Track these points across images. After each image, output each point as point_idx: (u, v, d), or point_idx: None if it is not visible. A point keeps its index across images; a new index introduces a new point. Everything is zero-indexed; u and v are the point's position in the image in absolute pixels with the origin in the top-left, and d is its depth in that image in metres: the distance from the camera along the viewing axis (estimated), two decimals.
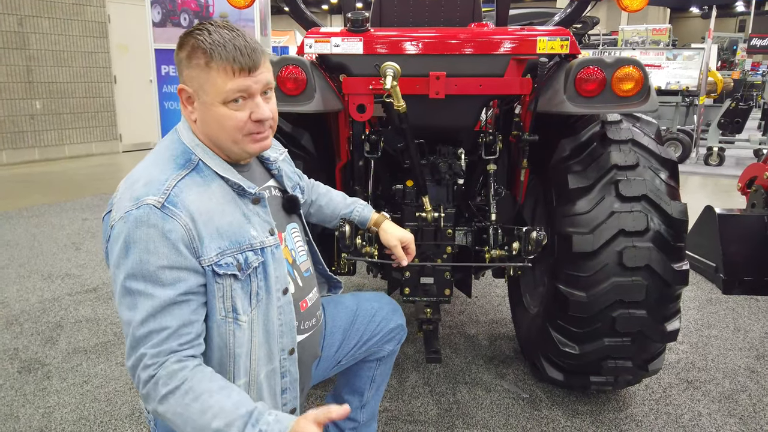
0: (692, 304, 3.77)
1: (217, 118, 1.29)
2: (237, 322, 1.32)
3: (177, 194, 1.25)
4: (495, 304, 3.70)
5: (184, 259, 1.23)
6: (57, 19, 9.25)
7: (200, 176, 1.32)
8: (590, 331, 2.24)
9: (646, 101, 2.09)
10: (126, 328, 1.23)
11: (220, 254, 1.28)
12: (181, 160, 1.32)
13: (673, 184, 2.25)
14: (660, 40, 12.63)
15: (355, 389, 1.92)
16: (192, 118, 1.34)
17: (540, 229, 2.11)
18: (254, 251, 1.35)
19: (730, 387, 2.74)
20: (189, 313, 1.25)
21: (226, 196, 1.34)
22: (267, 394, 1.42)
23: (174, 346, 1.22)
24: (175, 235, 1.21)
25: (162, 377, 1.20)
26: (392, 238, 1.83)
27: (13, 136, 8.89)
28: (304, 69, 2.12)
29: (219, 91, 1.26)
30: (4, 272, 4.21)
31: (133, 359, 1.22)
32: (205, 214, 1.27)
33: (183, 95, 1.33)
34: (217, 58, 1.24)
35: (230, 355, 1.33)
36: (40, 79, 9.13)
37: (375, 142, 2.49)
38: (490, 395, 2.64)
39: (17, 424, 2.39)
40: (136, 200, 1.22)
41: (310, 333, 1.59)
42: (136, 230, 1.20)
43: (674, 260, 2.17)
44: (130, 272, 1.20)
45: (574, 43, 2.20)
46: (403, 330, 1.91)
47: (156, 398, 1.20)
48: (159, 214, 1.21)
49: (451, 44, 2.20)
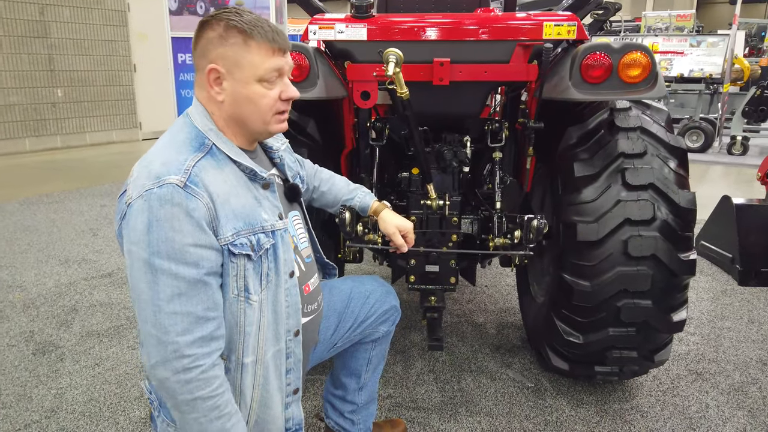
0: (706, 295, 3.72)
1: (251, 96, 1.33)
2: (248, 301, 1.35)
3: (197, 174, 1.26)
4: (504, 293, 3.68)
5: (208, 237, 1.25)
6: (78, 7, 9.36)
7: (214, 160, 1.33)
8: (595, 321, 2.22)
9: (654, 87, 2.05)
10: (144, 306, 1.23)
11: (236, 234, 1.30)
12: (195, 143, 1.33)
13: (682, 173, 2.22)
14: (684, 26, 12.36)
15: (352, 371, 1.95)
16: (219, 98, 1.34)
17: (541, 218, 2.10)
18: (266, 233, 1.38)
19: (740, 379, 2.70)
20: (212, 294, 1.28)
21: (239, 180, 1.36)
22: (273, 374, 1.45)
23: (206, 339, 1.25)
24: (198, 213, 1.23)
25: (196, 380, 1.24)
26: (390, 226, 1.85)
27: (35, 123, 9.05)
28: (307, 55, 2.12)
29: (257, 68, 1.31)
30: (23, 257, 4.30)
31: (163, 348, 1.22)
32: (222, 196, 1.29)
33: (212, 76, 1.32)
34: (258, 37, 1.29)
35: (240, 333, 1.36)
36: (61, 67, 9.26)
37: (380, 130, 2.48)
38: (494, 384, 2.64)
39: (30, 404, 2.45)
40: (156, 179, 1.23)
41: (312, 317, 1.63)
42: (161, 209, 1.21)
43: (681, 250, 2.14)
44: (154, 250, 1.21)
45: (581, 29, 2.17)
46: (397, 311, 1.93)
47: (182, 397, 1.24)
48: (183, 193, 1.22)
49: (455, 30, 2.18)
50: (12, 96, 8.74)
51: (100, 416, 2.38)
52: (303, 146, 2.35)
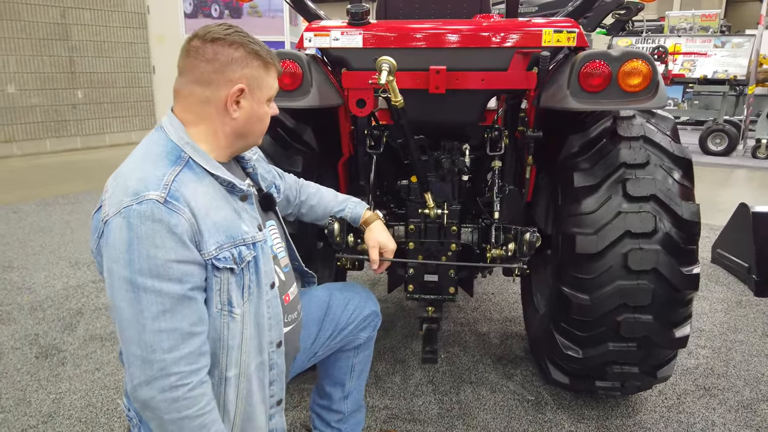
0: (720, 306, 3.61)
1: (263, 115, 1.43)
2: (231, 314, 1.34)
3: (177, 188, 1.25)
4: (511, 301, 3.62)
5: (191, 252, 1.24)
6: (98, 10, 9.49)
7: (193, 173, 1.32)
8: (594, 335, 2.17)
9: (654, 97, 1.99)
10: (127, 326, 1.21)
11: (219, 248, 1.29)
12: (172, 157, 1.31)
13: (686, 184, 2.15)
14: (709, 26, 12.09)
15: (336, 380, 1.94)
16: (234, 116, 1.36)
17: (533, 231, 2.04)
18: (247, 246, 1.37)
19: (750, 396, 2.61)
20: (198, 309, 1.27)
21: (217, 192, 1.35)
22: (256, 387, 1.44)
23: (193, 356, 1.24)
24: (180, 229, 1.22)
25: (183, 398, 1.23)
26: (372, 240, 1.85)
27: (56, 124, 9.20)
28: (300, 64, 2.09)
29: (270, 90, 1.43)
30: (35, 258, 4.36)
31: (148, 367, 1.21)
32: (203, 209, 1.28)
33: (235, 95, 1.34)
34: (274, 62, 1.42)
35: (223, 348, 1.34)
36: (81, 69, 9.41)
37: (378, 137, 2.45)
38: (494, 396, 2.59)
39: (28, 409, 2.47)
40: (135, 195, 1.21)
41: (293, 326, 1.62)
42: (141, 225, 1.19)
43: (684, 264, 2.07)
44: (136, 268, 1.19)
45: (581, 36, 2.11)
46: (378, 316, 1.92)
47: (169, 416, 1.23)
48: (163, 209, 1.20)
49: (451, 37, 2.14)
50: (33, 97, 8.90)
51: (96, 422, 2.38)
52: (299, 154, 2.33)
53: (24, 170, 7.80)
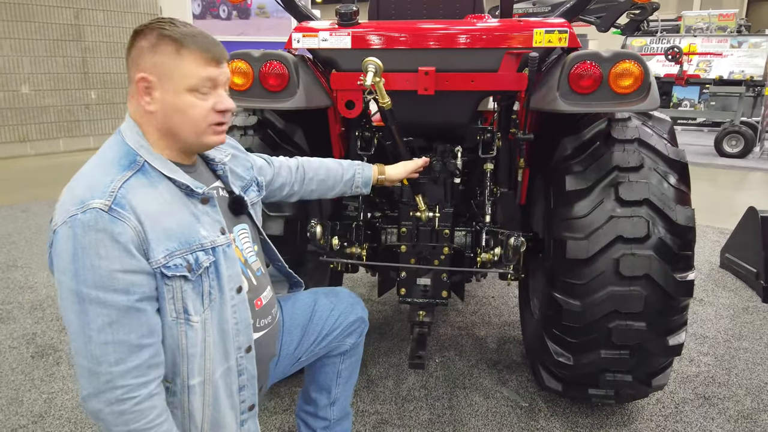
0: (726, 312, 3.53)
1: (182, 106, 1.29)
2: (189, 322, 1.31)
3: (123, 195, 1.22)
4: (511, 305, 3.57)
5: (137, 261, 1.21)
6: (111, 11, 9.58)
7: (146, 177, 1.29)
8: (586, 342, 2.12)
9: (646, 98, 1.94)
10: (75, 337, 1.20)
11: (169, 256, 1.26)
12: (125, 162, 1.29)
13: (682, 188, 2.09)
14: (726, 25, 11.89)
15: (322, 386, 1.91)
16: (149, 109, 1.30)
17: (518, 236, 2.00)
18: (205, 251, 1.33)
19: (751, 406, 2.54)
20: (147, 320, 1.23)
21: (173, 196, 1.32)
22: (223, 393, 1.40)
23: (142, 368, 1.22)
24: (125, 237, 1.19)
25: (130, 412, 1.21)
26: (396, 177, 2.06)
27: (69, 124, 9.31)
28: (286, 64, 2.07)
29: (188, 78, 1.28)
30: (39, 258, 4.40)
31: (95, 380, 1.19)
32: (152, 216, 1.25)
33: (141, 85, 1.29)
34: (190, 46, 1.28)
35: (183, 356, 1.31)
36: (94, 70, 9.50)
37: (368, 139, 2.43)
38: (487, 402, 2.55)
39: (20, 408, 2.48)
40: (80, 204, 1.19)
41: (266, 331, 1.59)
42: (85, 236, 1.17)
43: (678, 270, 2.02)
44: (81, 278, 1.17)
45: (573, 36, 2.06)
46: (364, 323, 1.89)
47: (117, 429, 1.21)
48: (107, 218, 1.18)
49: (441, 38, 2.10)
50: (47, 98, 9.01)
51: (85, 423, 2.38)
52: (289, 155, 2.30)
53: (37, 170, 7.89)
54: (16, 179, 7.32)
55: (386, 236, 2.54)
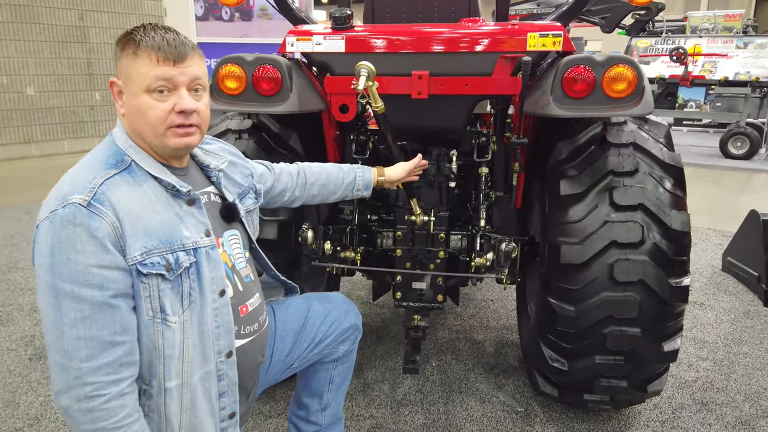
0: (727, 316, 3.50)
1: (140, 107, 1.29)
2: (166, 322, 1.30)
3: (104, 192, 1.24)
4: (510, 308, 3.56)
5: (113, 257, 1.22)
6: (116, 13, 9.61)
7: (131, 176, 1.31)
8: (580, 347, 2.11)
9: (640, 103, 1.92)
10: (49, 331, 1.21)
11: (146, 253, 1.26)
12: (112, 161, 1.31)
13: (677, 193, 2.07)
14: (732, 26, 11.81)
15: (314, 392, 1.90)
16: (121, 112, 1.35)
17: (509, 241, 1.99)
18: (186, 251, 1.33)
19: (750, 412, 2.52)
20: (121, 317, 1.23)
21: (159, 196, 1.33)
22: (201, 397, 1.39)
23: (113, 366, 1.21)
24: (101, 233, 1.20)
25: (99, 410, 1.20)
26: (397, 178, 2.06)
27: (74, 126, 9.35)
28: (279, 69, 2.07)
29: (143, 79, 1.28)
30: None
31: (66, 375, 1.19)
32: (132, 213, 1.26)
33: (114, 89, 1.34)
34: (144, 47, 1.28)
35: (160, 357, 1.31)
36: (99, 71, 9.53)
37: (363, 143, 2.42)
38: (483, 407, 2.54)
39: (16, 411, 2.49)
40: (62, 199, 1.21)
41: (251, 338, 1.56)
42: (63, 230, 1.19)
43: (673, 275, 2.00)
44: (57, 272, 1.19)
45: (567, 40, 2.05)
46: (358, 330, 1.88)
47: (84, 427, 1.21)
48: (85, 213, 1.20)
49: (434, 42, 2.10)
50: (52, 99, 9.05)
51: None
52: (284, 159, 2.30)
53: (41, 171, 7.93)
54: (19, 180, 7.36)
55: (382, 240, 2.53)
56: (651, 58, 10.93)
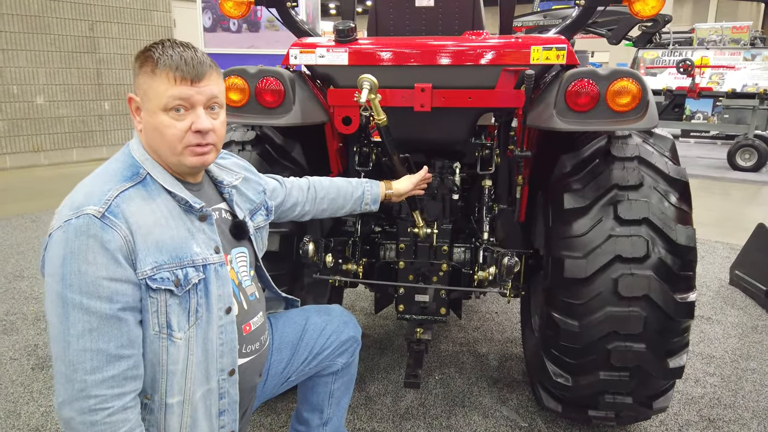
0: (734, 331, 3.46)
1: (158, 126, 1.30)
2: (171, 338, 1.30)
3: (118, 204, 1.24)
4: (515, 321, 3.53)
5: (124, 270, 1.22)
6: (126, 24, 9.70)
7: (146, 190, 1.31)
8: (584, 363, 2.08)
9: (644, 117, 1.91)
10: (55, 341, 1.21)
11: (156, 268, 1.26)
12: (128, 173, 1.32)
13: (683, 207, 2.05)
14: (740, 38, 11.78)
15: (314, 406, 1.89)
16: (138, 128, 1.36)
17: (512, 255, 1.98)
18: (195, 267, 1.33)
19: (758, 429, 2.48)
20: (128, 331, 1.23)
21: (172, 211, 1.33)
22: (202, 415, 1.39)
23: (117, 379, 1.21)
24: (114, 245, 1.21)
25: (102, 423, 1.20)
26: (404, 191, 2.09)
27: (83, 135, 9.41)
28: (282, 81, 2.08)
29: (160, 98, 1.28)
30: None
31: (70, 386, 1.19)
32: (145, 227, 1.26)
33: (132, 105, 1.35)
34: (162, 65, 1.28)
35: (163, 372, 1.31)
36: (108, 81, 9.61)
37: (366, 155, 2.42)
38: (485, 421, 2.51)
39: (17, 421, 2.48)
40: (76, 210, 1.22)
41: (252, 357, 1.56)
42: (76, 240, 1.19)
43: (678, 291, 1.98)
44: (67, 283, 1.19)
45: (571, 53, 2.05)
46: (357, 342, 1.87)
47: None
48: (99, 224, 1.20)
49: (437, 54, 2.09)
50: (61, 108, 9.12)
51: None
52: (287, 171, 2.31)
53: (49, 180, 7.98)
54: (27, 189, 7.40)
55: (384, 252, 2.52)
56: (658, 70, 10.92)
